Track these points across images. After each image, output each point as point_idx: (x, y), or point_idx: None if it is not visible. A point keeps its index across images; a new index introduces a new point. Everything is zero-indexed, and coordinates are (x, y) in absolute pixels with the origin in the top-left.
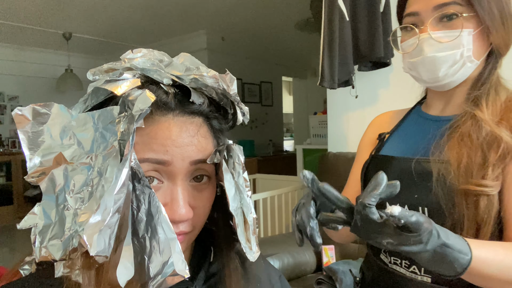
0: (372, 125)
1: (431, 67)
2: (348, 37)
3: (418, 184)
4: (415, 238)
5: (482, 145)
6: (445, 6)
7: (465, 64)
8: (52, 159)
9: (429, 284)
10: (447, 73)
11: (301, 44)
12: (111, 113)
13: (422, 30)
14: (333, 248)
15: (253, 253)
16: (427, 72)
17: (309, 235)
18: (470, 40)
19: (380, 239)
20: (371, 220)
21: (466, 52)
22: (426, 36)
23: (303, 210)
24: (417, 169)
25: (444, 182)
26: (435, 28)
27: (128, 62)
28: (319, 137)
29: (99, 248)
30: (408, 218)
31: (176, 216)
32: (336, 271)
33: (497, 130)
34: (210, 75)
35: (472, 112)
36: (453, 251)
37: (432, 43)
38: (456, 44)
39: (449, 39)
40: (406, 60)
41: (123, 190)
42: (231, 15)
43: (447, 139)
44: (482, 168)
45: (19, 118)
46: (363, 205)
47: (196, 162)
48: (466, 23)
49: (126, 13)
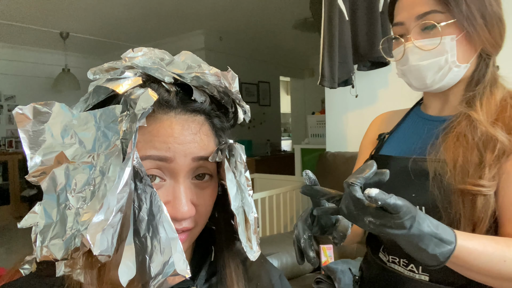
0: (372, 125)
1: (417, 75)
2: (347, 36)
3: (415, 183)
4: (396, 221)
5: (478, 145)
6: (426, 15)
7: (451, 69)
8: (53, 158)
9: (426, 282)
10: (434, 79)
11: (298, 44)
12: (113, 112)
13: (407, 39)
14: (332, 247)
15: (253, 253)
16: (415, 80)
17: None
18: (453, 45)
19: (363, 217)
20: (354, 198)
21: (451, 57)
22: (410, 45)
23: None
24: (413, 168)
25: (441, 181)
26: (418, 36)
27: (129, 61)
28: (317, 136)
29: (102, 247)
30: (386, 200)
31: (179, 214)
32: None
33: (492, 130)
34: (212, 72)
35: (466, 112)
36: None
37: (416, 52)
38: (440, 51)
39: (431, 47)
40: (398, 67)
41: (125, 189)
42: (229, 15)
43: (443, 139)
44: (479, 168)
45: (19, 117)
46: (348, 184)
47: (198, 159)
48: (447, 30)
49: (123, 12)
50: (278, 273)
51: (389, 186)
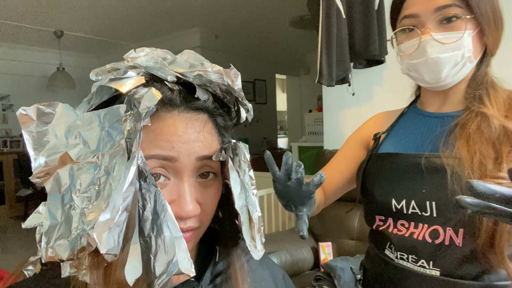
0: (366, 123)
1: (434, 67)
2: (345, 34)
3: (426, 179)
4: None
5: (493, 140)
6: (446, 8)
7: (465, 65)
8: (57, 158)
9: (438, 277)
10: (449, 74)
11: (294, 41)
12: (117, 112)
13: (424, 31)
14: (330, 245)
15: (257, 252)
16: (430, 73)
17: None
18: (470, 41)
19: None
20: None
21: (467, 53)
22: (428, 37)
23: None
24: (426, 165)
25: (460, 178)
26: (436, 30)
27: (132, 61)
28: (315, 134)
29: (108, 246)
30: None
31: (184, 213)
32: (334, 268)
33: (508, 124)
34: (215, 70)
35: (479, 109)
36: None
37: (434, 44)
38: (458, 46)
39: (451, 41)
40: (405, 61)
41: (131, 188)
42: (224, 13)
43: (456, 136)
44: (496, 163)
45: (23, 118)
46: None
47: (202, 158)
48: (468, 24)
49: (118, 10)
50: (281, 272)
51: (398, 182)
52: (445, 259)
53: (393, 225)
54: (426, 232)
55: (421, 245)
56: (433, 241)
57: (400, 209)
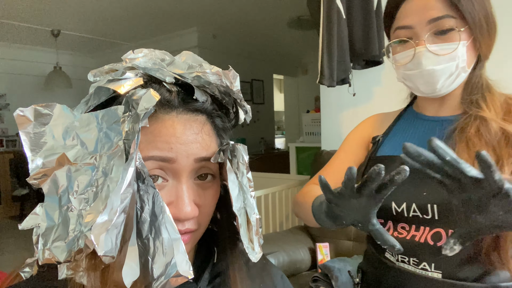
0: (364, 124)
1: (430, 79)
2: (345, 35)
3: (426, 182)
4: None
5: (493, 143)
6: (439, 20)
7: (460, 75)
8: (55, 160)
9: (440, 279)
10: (444, 84)
11: (292, 42)
12: (115, 113)
13: (418, 43)
14: (328, 245)
15: (255, 254)
16: (425, 85)
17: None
18: (464, 51)
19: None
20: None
21: (461, 63)
22: (423, 49)
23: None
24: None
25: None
26: (431, 41)
27: (130, 62)
28: (312, 135)
29: (106, 248)
30: None
31: (182, 214)
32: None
33: (507, 127)
34: (213, 71)
35: (477, 113)
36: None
37: (429, 56)
38: (452, 57)
39: (446, 52)
40: (401, 71)
41: (129, 190)
42: (222, 13)
43: (456, 140)
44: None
45: (20, 119)
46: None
47: (201, 160)
48: (462, 35)
49: (115, 10)
50: (280, 273)
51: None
52: (446, 261)
53: (393, 228)
54: (428, 235)
55: (422, 247)
56: (435, 244)
57: (400, 212)
